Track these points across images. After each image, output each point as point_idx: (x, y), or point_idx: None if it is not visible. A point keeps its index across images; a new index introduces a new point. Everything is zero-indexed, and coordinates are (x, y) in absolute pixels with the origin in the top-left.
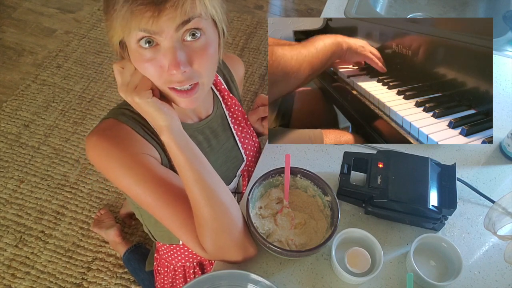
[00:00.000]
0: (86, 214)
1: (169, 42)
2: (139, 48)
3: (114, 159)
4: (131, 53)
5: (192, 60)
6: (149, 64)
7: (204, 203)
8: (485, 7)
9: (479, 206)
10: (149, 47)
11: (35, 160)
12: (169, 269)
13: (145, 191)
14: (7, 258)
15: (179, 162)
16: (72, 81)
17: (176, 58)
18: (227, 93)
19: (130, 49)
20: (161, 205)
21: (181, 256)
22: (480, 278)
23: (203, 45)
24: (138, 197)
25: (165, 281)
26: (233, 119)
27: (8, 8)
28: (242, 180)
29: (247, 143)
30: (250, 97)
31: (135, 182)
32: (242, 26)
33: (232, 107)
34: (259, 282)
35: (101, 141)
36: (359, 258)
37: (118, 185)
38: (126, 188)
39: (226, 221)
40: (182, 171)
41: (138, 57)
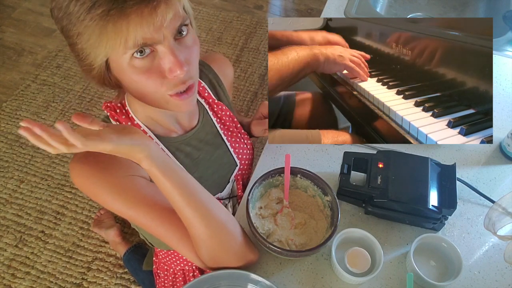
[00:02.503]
0: (86, 214)
1: (166, 45)
2: (133, 60)
3: (101, 187)
4: (123, 70)
5: (185, 59)
6: (147, 75)
7: (198, 224)
8: (485, 7)
9: (479, 206)
10: (144, 56)
11: (35, 160)
12: (169, 272)
13: (137, 214)
14: (7, 258)
15: (166, 188)
16: (72, 81)
17: (177, 58)
18: (211, 100)
19: (121, 66)
20: (156, 224)
21: (179, 260)
22: (480, 278)
23: (192, 41)
24: (132, 219)
25: (165, 285)
26: (222, 125)
27: (7, 8)
28: (236, 184)
29: (239, 147)
30: (250, 97)
31: (126, 207)
32: (241, 26)
33: (219, 113)
34: (259, 282)
35: (85, 169)
36: (359, 258)
37: (111, 210)
38: (118, 212)
39: (223, 238)
40: (170, 196)
41: (134, 71)
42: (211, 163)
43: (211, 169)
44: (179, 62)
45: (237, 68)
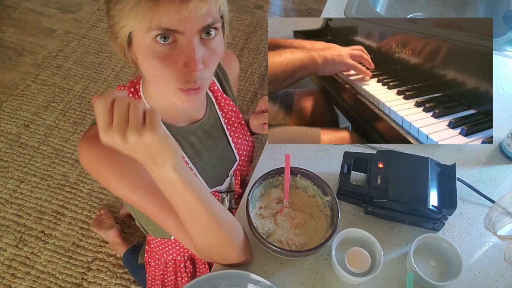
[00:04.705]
0: (86, 214)
1: (189, 39)
2: (155, 43)
3: (107, 168)
4: (143, 49)
5: (204, 60)
6: (164, 62)
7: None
8: (485, 7)
9: (479, 206)
10: (166, 42)
11: (35, 160)
12: (160, 261)
13: (140, 198)
14: (7, 258)
15: (181, 201)
16: (72, 81)
17: (195, 57)
18: (220, 94)
19: (142, 44)
20: (157, 210)
21: (172, 250)
22: (480, 278)
23: (216, 45)
24: (134, 203)
25: (156, 273)
26: (226, 120)
27: (8, 8)
28: (235, 179)
29: (240, 143)
30: (249, 97)
31: (129, 190)
32: (241, 26)
33: (226, 107)
34: (259, 282)
35: (92, 149)
36: (359, 258)
37: (114, 192)
38: (121, 195)
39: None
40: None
41: (152, 54)
42: (212, 155)
43: (213, 161)
44: (195, 60)
45: None
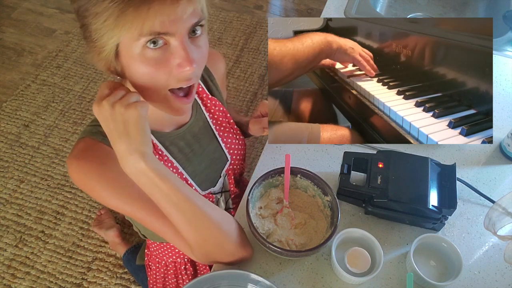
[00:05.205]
0: (86, 214)
1: (180, 39)
2: (145, 50)
3: (97, 182)
4: (133, 58)
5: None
6: (157, 67)
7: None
8: (485, 7)
9: (479, 206)
10: (156, 47)
11: (35, 160)
12: (160, 264)
13: (133, 209)
14: (7, 258)
15: (159, 193)
16: (72, 81)
17: (189, 55)
18: (205, 95)
19: (132, 53)
20: (152, 219)
21: (171, 253)
22: (480, 278)
23: (203, 42)
24: (128, 214)
25: (157, 277)
26: (214, 120)
27: (7, 8)
28: (228, 179)
29: (231, 142)
30: (249, 97)
31: (123, 202)
32: (241, 26)
33: (212, 108)
34: (259, 282)
35: (81, 164)
36: (359, 258)
37: (106, 205)
38: (114, 207)
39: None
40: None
41: (144, 61)
42: (203, 157)
43: (203, 163)
44: (189, 58)
45: (237, 68)
